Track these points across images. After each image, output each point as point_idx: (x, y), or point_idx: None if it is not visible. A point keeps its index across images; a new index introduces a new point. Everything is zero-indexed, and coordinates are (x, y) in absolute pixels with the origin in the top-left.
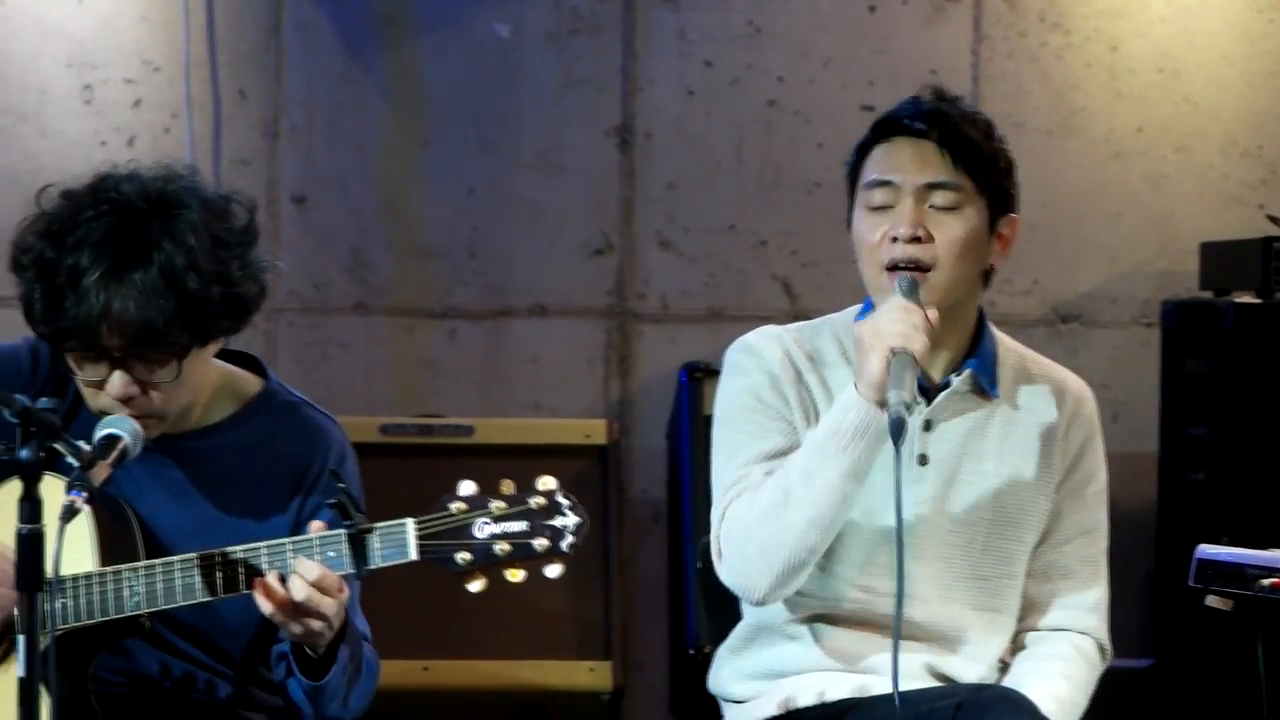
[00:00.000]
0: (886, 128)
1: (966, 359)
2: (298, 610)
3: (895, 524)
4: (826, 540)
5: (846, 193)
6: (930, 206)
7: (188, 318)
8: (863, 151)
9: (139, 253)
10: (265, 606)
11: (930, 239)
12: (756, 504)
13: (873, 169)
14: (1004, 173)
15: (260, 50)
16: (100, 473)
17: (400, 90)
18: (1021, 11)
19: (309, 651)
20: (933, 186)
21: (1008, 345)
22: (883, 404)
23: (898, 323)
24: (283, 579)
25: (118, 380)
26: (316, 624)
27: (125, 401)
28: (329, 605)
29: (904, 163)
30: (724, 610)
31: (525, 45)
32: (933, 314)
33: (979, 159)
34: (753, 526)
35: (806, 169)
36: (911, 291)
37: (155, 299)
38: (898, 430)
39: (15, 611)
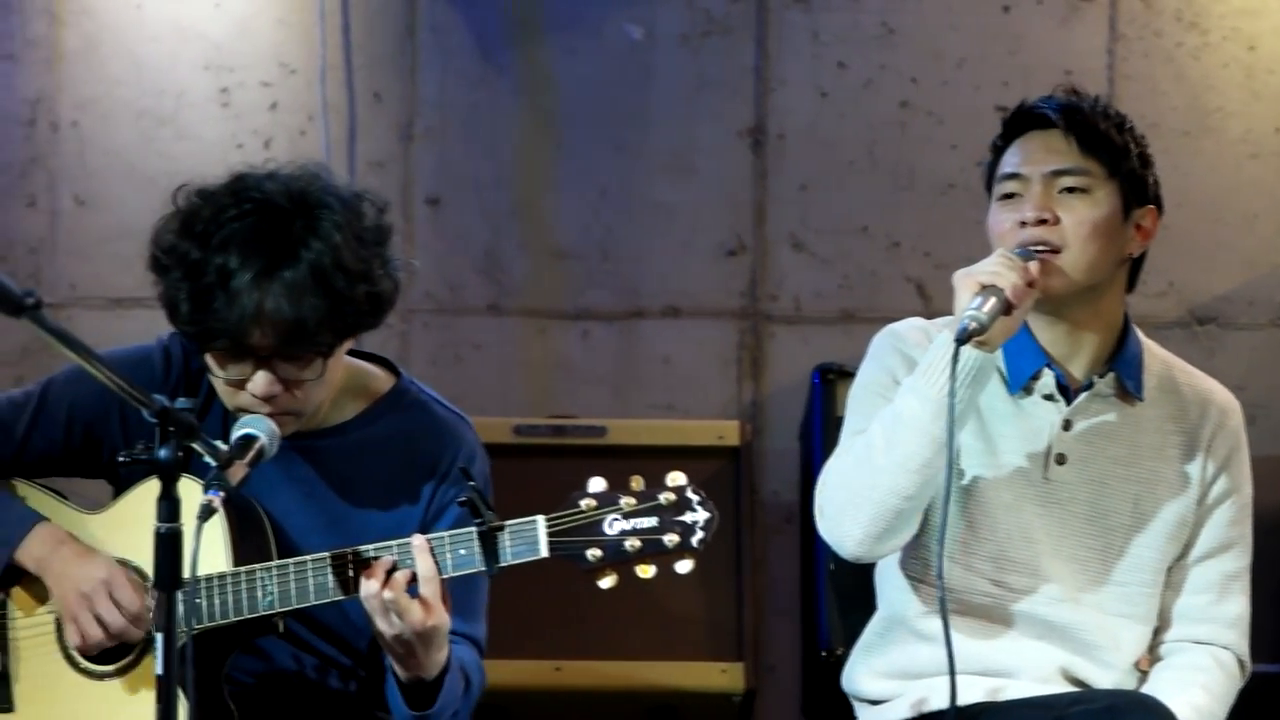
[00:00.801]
0: (1017, 123)
1: (1111, 360)
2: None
3: (1029, 513)
4: (921, 488)
5: (985, 193)
6: (1059, 191)
7: (335, 316)
8: (997, 151)
9: (287, 251)
10: (368, 585)
11: (1057, 221)
12: (852, 452)
13: (1004, 164)
14: (1139, 162)
15: (395, 53)
16: (237, 472)
17: (533, 92)
18: (1157, 11)
19: (404, 678)
20: (1059, 173)
21: (1154, 352)
22: (965, 340)
23: (990, 264)
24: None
25: (262, 379)
26: (401, 626)
27: (267, 400)
28: (415, 615)
29: (1032, 153)
30: (857, 611)
31: (658, 46)
32: (1034, 265)
33: (1108, 146)
34: (847, 473)
35: (940, 170)
36: (1025, 256)
37: (306, 298)
38: (962, 337)
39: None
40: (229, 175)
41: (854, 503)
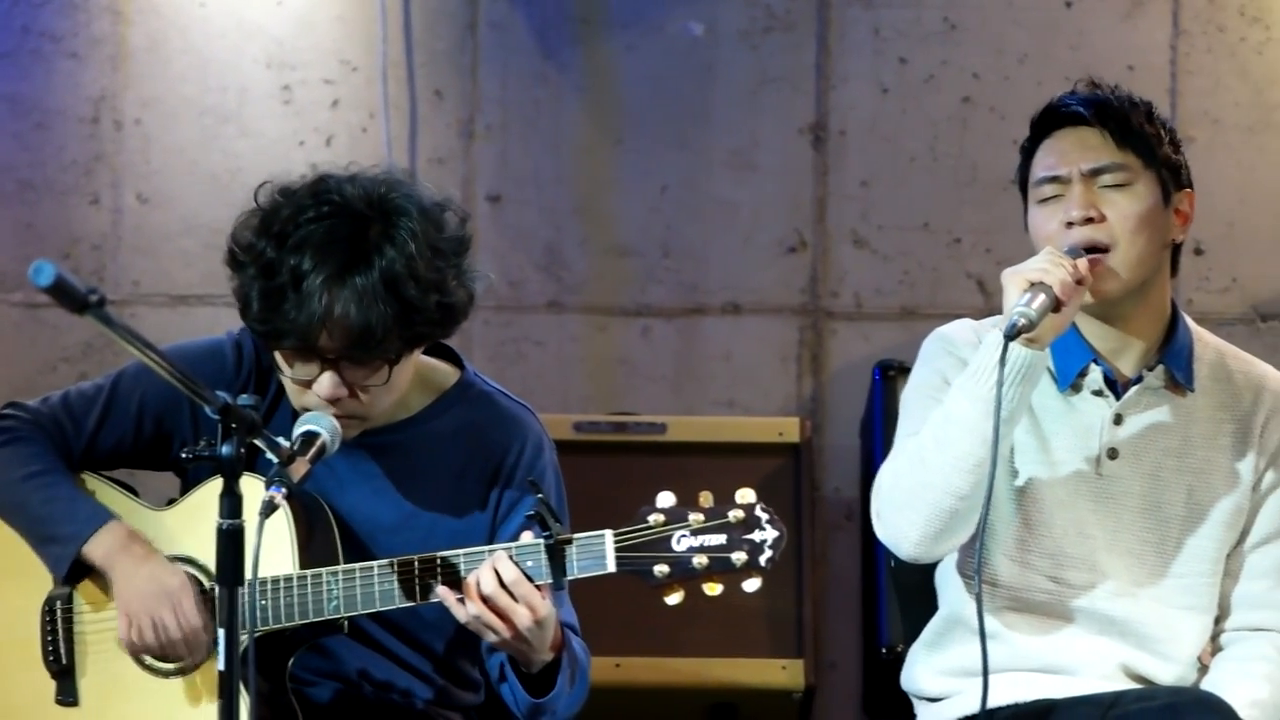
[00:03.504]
0: (1045, 123)
1: (1160, 352)
2: (488, 605)
3: (1083, 508)
4: (975, 487)
5: (1021, 195)
6: (1100, 188)
7: (404, 325)
8: (1027, 154)
9: (360, 257)
10: (458, 612)
11: (1104, 219)
12: (905, 454)
13: (1039, 167)
14: (1171, 147)
15: (456, 50)
16: (299, 469)
17: (594, 89)
18: (1221, 6)
19: (523, 668)
20: (1099, 170)
21: (1205, 340)
22: (1013, 336)
23: (1039, 261)
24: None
25: (327, 381)
26: (505, 630)
27: (332, 402)
28: (521, 615)
29: (1067, 151)
30: (917, 609)
31: (719, 43)
32: (1083, 263)
33: (1141, 137)
34: (901, 475)
35: (1002, 166)
36: (1074, 253)
37: (375, 304)
38: (1011, 333)
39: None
40: (313, 175)
41: (910, 504)
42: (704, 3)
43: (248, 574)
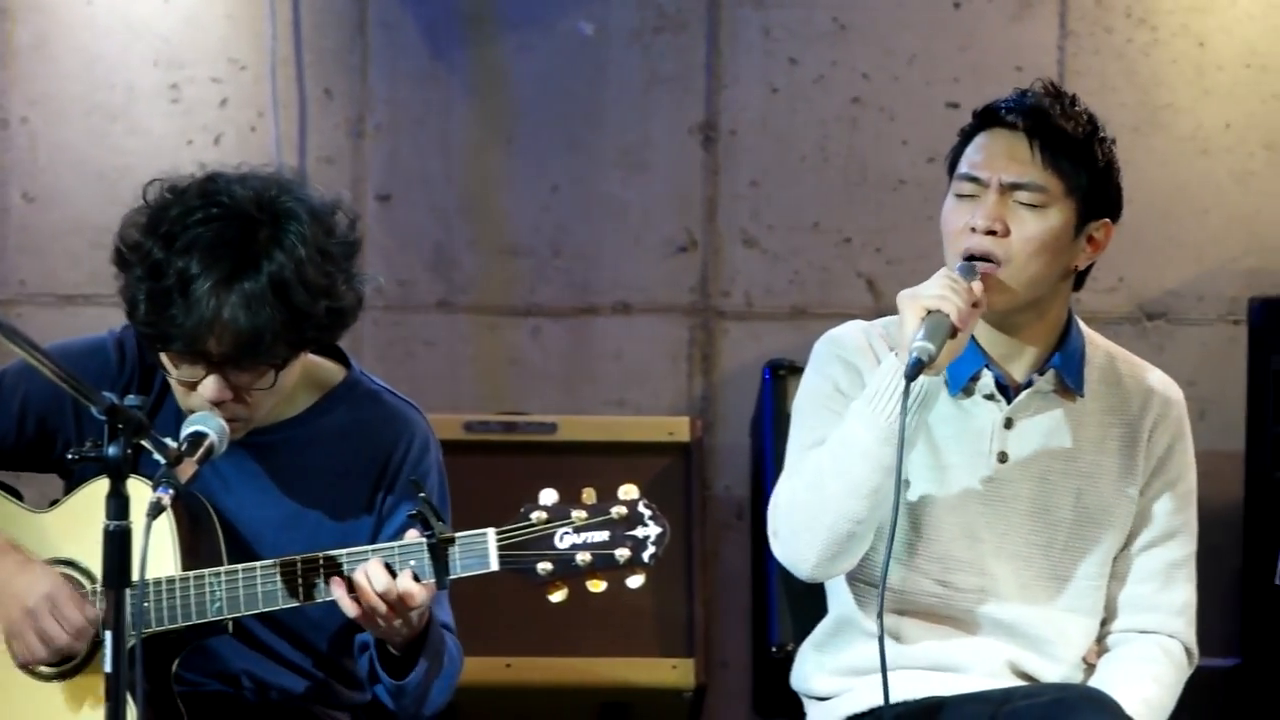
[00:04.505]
0: (987, 117)
1: (1051, 357)
2: (375, 611)
3: (973, 512)
4: (872, 511)
5: (948, 177)
6: (1015, 201)
7: (292, 330)
8: (966, 137)
9: (249, 261)
10: (349, 609)
11: (1007, 234)
12: (804, 475)
13: (966, 161)
14: (1101, 175)
15: (345, 49)
16: (186, 470)
17: (485, 88)
18: (1108, 7)
19: (390, 649)
20: (1017, 186)
21: (1097, 344)
22: (915, 375)
23: (936, 287)
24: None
25: (212, 384)
26: (396, 621)
27: (217, 404)
28: (406, 610)
29: (995, 156)
30: (807, 608)
31: (610, 43)
32: (977, 286)
33: (1071, 159)
34: (798, 497)
35: (891, 166)
36: (966, 273)
37: (263, 309)
38: (911, 373)
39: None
40: (203, 174)
41: (808, 527)
42: (595, 2)
43: (135, 575)
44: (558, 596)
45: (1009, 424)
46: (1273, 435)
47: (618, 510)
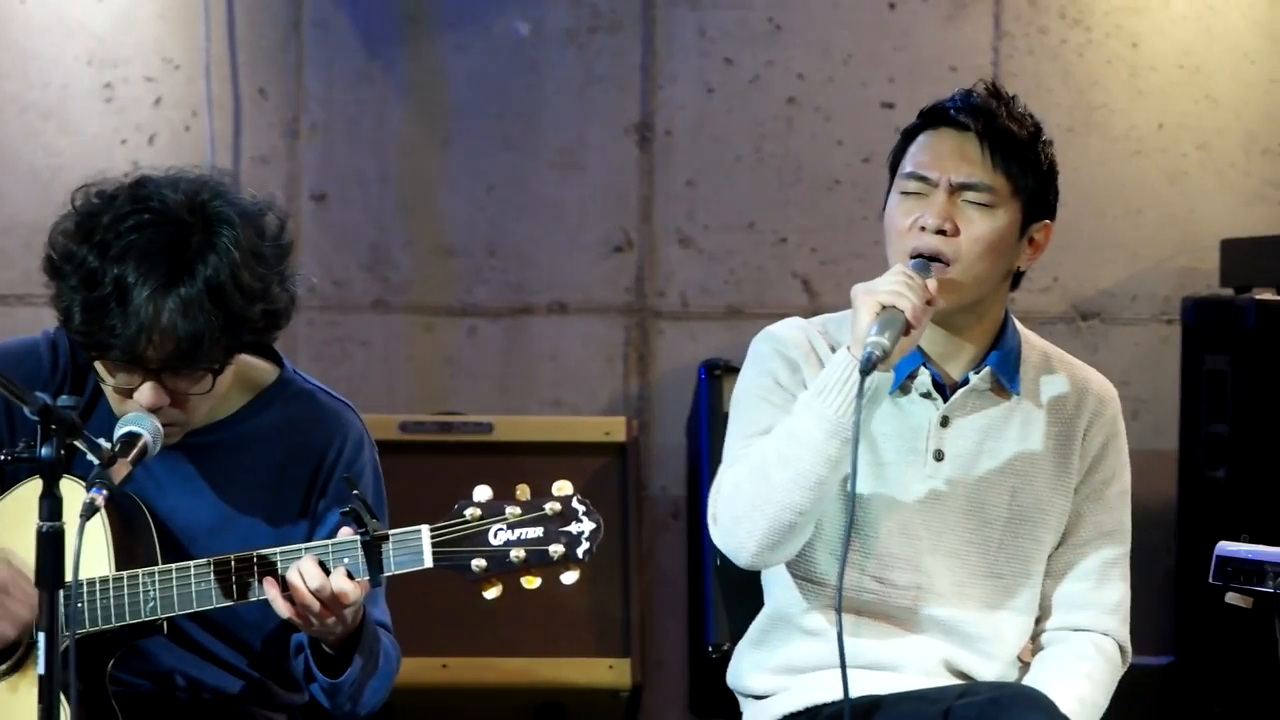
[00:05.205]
0: (934, 116)
1: (987, 356)
2: (309, 610)
3: (909, 510)
4: (815, 503)
5: (889, 175)
6: (963, 200)
7: (229, 334)
8: (909, 136)
9: (183, 267)
10: (282, 610)
11: (956, 233)
12: (748, 463)
13: (912, 160)
14: (1045, 177)
15: (280, 48)
16: (120, 471)
17: (420, 88)
18: (1042, 8)
19: (325, 648)
20: (966, 186)
21: (1033, 343)
22: (869, 370)
23: (891, 283)
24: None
25: (148, 391)
26: (330, 619)
27: (153, 410)
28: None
29: (943, 155)
30: (743, 607)
31: (545, 43)
32: (932, 283)
33: (1019, 161)
34: (741, 485)
35: (826, 166)
36: (921, 270)
37: (200, 315)
38: (866, 368)
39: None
40: (131, 178)
41: (750, 516)
42: (530, 3)
43: (68, 576)
44: (492, 593)
45: (945, 422)
46: (1206, 434)
47: (551, 506)
